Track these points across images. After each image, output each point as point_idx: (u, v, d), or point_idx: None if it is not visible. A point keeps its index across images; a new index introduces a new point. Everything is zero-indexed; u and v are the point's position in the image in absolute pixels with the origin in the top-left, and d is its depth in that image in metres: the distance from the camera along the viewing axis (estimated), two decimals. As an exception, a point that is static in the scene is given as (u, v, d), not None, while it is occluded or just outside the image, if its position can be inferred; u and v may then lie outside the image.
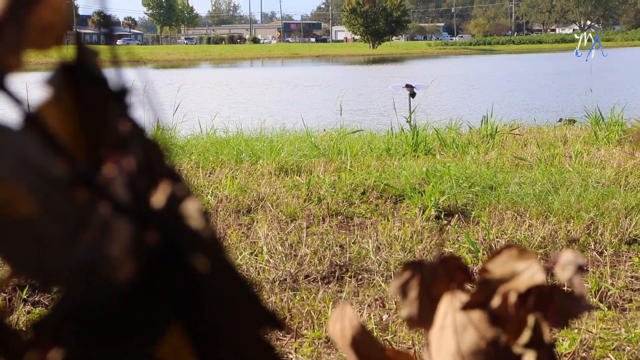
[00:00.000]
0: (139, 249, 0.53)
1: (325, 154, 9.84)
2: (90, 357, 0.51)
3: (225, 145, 10.51)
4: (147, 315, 0.52)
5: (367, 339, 1.01)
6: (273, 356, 0.55)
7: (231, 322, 0.53)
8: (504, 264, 0.94)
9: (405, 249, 5.89)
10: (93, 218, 0.53)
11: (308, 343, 4.31)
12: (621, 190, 7.34)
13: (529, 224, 6.39)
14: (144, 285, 0.52)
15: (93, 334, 0.51)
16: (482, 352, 0.91)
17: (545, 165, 8.67)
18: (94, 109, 0.61)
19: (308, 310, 4.70)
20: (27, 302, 4.79)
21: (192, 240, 0.52)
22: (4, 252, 0.50)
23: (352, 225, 6.68)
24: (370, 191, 7.63)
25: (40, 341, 0.52)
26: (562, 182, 7.67)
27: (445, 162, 8.90)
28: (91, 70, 0.61)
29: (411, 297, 1.00)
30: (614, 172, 8.22)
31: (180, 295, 0.53)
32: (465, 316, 0.93)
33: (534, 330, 0.94)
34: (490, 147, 10.47)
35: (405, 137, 10.89)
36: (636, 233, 6.13)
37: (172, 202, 0.54)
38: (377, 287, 5.21)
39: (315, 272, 5.47)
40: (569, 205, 6.78)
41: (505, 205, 6.92)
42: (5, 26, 0.60)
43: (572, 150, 9.85)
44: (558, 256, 0.96)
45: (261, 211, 7.05)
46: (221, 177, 8.47)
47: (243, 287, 0.53)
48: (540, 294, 0.94)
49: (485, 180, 7.81)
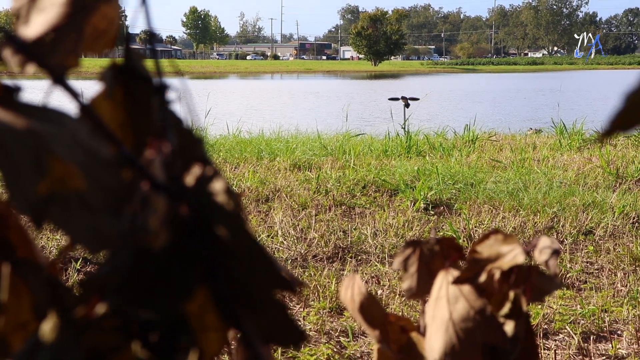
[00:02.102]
0: (173, 220, 0.52)
1: (332, 154, 9.84)
2: (129, 309, 0.51)
3: (248, 145, 10.51)
4: (178, 276, 0.52)
5: (373, 304, 1.01)
6: (285, 315, 0.55)
7: (249, 284, 0.53)
8: (490, 246, 0.94)
9: (397, 235, 5.88)
10: (135, 193, 0.53)
11: (314, 312, 4.31)
12: (580, 189, 7.33)
13: (502, 216, 6.38)
14: (176, 251, 0.52)
15: (132, 290, 0.51)
16: (470, 320, 0.90)
17: (517, 167, 8.65)
18: (140, 102, 0.61)
19: (315, 285, 4.70)
20: (80, 272, 4.80)
21: (218, 213, 0.52)
22: (61, 222, 0.50)
23: (354, 214, 6.67)
24: (370, 186, 7.62)
25: (87, 296, 0.52)
26: (531, 182, 7.65)
27: (433, 162, 8.88)
28: (137, 70, 0.61)
29: (411, 271, 1.00)
30: (574, 174, 8.21)
31: (206, 260, 0.53)
32: (457, 289, 0.93)
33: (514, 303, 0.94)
34: (471, 150, 10.45)
35: (400, 140, 10.88)
36: (592, 226, 6.12)
37: (201, 181, 0.53)
38: (373, 266, 5.21)
39: (321, 252, 5.47)
40: (536, 201, 6.77)
41: (482, 200, 6.91)
42: (65, 32, 0.60)
43: (540, 155, 9.83)
44: (537, 241, 0.96)
45: (277, 200, 7.05)
46: (244, 171, 8.47)
47: (260, 254, 0.53)
48: (520, 273, 0.94)
49: (466, 178, 7.80)
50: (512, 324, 0.94)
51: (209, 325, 0.56)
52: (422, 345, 1.00)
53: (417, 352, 1.01)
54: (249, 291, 0.53)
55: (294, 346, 0.56)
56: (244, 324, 0.53)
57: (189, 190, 0.53)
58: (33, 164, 0.49)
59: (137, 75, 0.61)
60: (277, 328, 0.54)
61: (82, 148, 0.51)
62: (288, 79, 75.23)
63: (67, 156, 0.49)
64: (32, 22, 0.63)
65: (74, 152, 0.50)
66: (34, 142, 0.49)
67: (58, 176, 0.49)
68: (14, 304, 0.56)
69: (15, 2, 0.67)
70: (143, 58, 0.63)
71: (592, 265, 5.26)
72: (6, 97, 0.54)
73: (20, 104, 0.53)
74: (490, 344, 0.92)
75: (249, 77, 76.37)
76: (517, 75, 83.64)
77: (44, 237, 5.34)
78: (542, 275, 0.96)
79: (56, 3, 0.62)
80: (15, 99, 0.54)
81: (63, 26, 0.58)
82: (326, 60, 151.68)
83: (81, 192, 0.50)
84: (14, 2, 0.68)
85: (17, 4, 0.67)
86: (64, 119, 0.52)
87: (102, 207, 0.51)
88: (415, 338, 1.02)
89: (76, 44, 0.60)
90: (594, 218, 6.26)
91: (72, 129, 0.52)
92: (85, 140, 0.51)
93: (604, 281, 4.86)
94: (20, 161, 0.49)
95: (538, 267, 0.96)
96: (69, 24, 0.59)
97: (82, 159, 0.50)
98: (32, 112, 0.52)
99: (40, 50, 0.57)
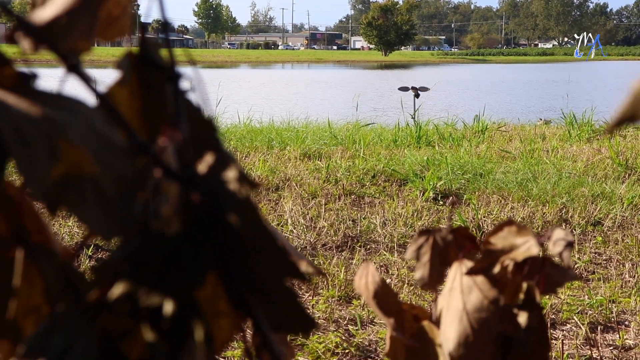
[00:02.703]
0: (185, 207, 0.53)
1: (342, 143, 9.82)
2: (141, 294, 0.51)
3: (259, 134, 10.51)
4: (189, 262, 0.52)
5: (388, 292, 1.00)
6: (295, 302, 0.55)
7: (260, 271, 0.53)
8: (504, 237, 0.94)
9: (407, 224, 5.88)
10: (148, 181, 0.53)
11: (323, 300, 4.31)
12: (589, 180, 7.30)
13: (511, 207, 6.37)
14: (187, 238, 0.52)
15: (144, 276, 0.51)
16: (484, 310, 0.90)
17: (526, 158, 8.63)
18: (154, 90, 0.61)
19: (324, 274, 4.71)
20: (92, 258, 4.82)
21: (230, 200, 0.52)
22: (75, 209, 0.50)
23: (363, 204, 6.67)
24: (379, 175, 7.61)
25: (100, 282, 0.52)
26: (540, 172, 7.63)
27: (442, 152, 8.86)
28: (152, 58, 0.62)
29: (423, 260, 1.00)
30: (583, 165, 8.18)
31: (217, 247, 0.53)
32: (471, 280, 0.93)
33: (527, 294, 0.94)
34: (480, 141, 10.42)
35: (410, 130, 10.85)
36: (600, 216, 6.10)
37: (214, 169, 0.54)
38: (382, 256, 5.21)
39: (331, 241, 5.47)
40: (545, 191, 6.75)
41: (491, 190, 6.90)
42: (79, 16, 0.60)
43: (549, 146, 9.79)
44: (551, 233, 0.96)
45: (287, 189, 7.05)
46: (255, 160, 8.47)
47: (272, 242, 0.53)
48: (534, 264, 0.94)
49: (475, 168, 7.78)
50: (526, 315, 0.94)
51: (221, 311, 0.56)
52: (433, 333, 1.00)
53: (429, 340, 1.01)
54: (259, 278, 0.53)
55: (304, 334, 0.56)
56: (254, 311, 0.53)
57: (201, 178, 0.53)
58: (47, 149, 0.49)
59: (153, 64, 0.61)
60: (287, 315, 0.54)
61: (96, 135, 0.51)
62: (299, 68, 75.12)
63: (81, 142, 0.49)
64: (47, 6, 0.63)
65: (88, 139, 0.50)
66: (49, 128, 0.50)
67: (72, 162, 0.49)
68: (26, 289, 0.57)
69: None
70: (158, 47, 0.64)
71: (601, 256, 5.25)
72: (22, 84, 0.54)
73: (36, 92, 0.53)
74: (504, 334, 0.92)
75: (260, 67, 76.31)
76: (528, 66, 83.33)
77: (56, 224, 5.36)
78: (556, 267, 0.96)
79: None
80: (31, 86, 0.54)
81: (77, 10, 0.58)
82: (337, 50, 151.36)
83: (95, 178, 0.51)
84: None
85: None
86: (79, 107, 0.53)
87: (116, 194, 0.51)
88: (427, 327, 1.02)
89: (89, 28, 0.60)
90: (603, 209, 6.24)
91: (86, 116, 0.52)
92: (100, 128, 0.52)
93: (612, 272, 4.85)
94: (35, 147, 0.49)
95: (552, 259, 0.96)
96: (83, 8, 0.59)
97: (96, 145, 0.51)
98: (48, 100, 0.52)
99: (53, 33, 0.57)
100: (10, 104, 0.50)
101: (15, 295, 0.58)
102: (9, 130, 0.48)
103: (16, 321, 0.58)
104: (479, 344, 0.91)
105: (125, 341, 0.52)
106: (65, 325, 0.51)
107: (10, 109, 0.49)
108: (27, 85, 0.54)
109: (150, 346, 0.52)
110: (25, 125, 0.49)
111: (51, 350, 0.50)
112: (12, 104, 0.50)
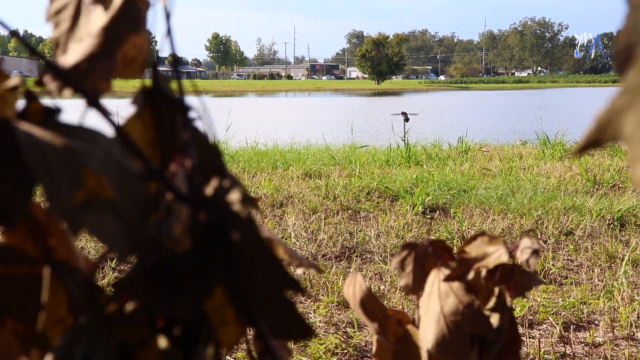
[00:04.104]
0: (194, 227, 0.53)
1: (339, 163, 9.82)
2: (156, 306, 0.51)
3: (265, 156, 10.51)
4: (199, 277, 0.52)
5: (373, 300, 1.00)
6: (294, 312, 0.55)
7: (262, 284, 0.53)
8: (477, 247, 0.94)
9: (398, 236, 5.86)
10: (161, 203, 0.53)
11: (323, 306, 4.30)
12: (561, 194, 7.29)
13: (492, 219, 6.35)
14: (197, 254, 0.52)
15: (158, 290, 0.51)
16: (459, 313, 0.90)
17: (505, 175, 8.62)
18: (165, 121, 0.61)
19: (324, 281, 4.69)
20: (115, 270, 4.81)
21: (233, 220, 0.52)
22: (95, 230, 0.50)
23: (359, 218, 6.66)
24: (373, 192, 7.61)
25: (118, 295, 0.52)
26: (518, 188, 7.62)
27: (430, 171, 8.86)
28: (164, 92, 0.62)
29: (407, 270, 1.00)
30: (556, 181, 8.17)
31: (224, 262, 0.53)
32: (447, 286, 0.93)
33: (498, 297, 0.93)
34: (464, 160, 10.42)
35: (400, 151, 10.85)
36: (572, 227, 6.09)
37: (219, 192, 0.54)
38: (376, 264, 5.20)
39: (330, 252, 5.46)
40: (522, 205, 6.74)
41: (474, 204, 6.89)
42: (99, 60, 0.61)
43: (525, 164, 9.79)
44: (518, 242, 0.96)
45: (290, 205, 7.04)
46: (261, 180, 8.47)
47: (271, 258, 0.53)
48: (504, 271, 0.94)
49: (460, 185, 7.78)
50: (497, 317, 0.94)
51: (227, 320, 0.56)
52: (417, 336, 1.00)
53: (412, 342, 1.01)
54: (260, 290, 0.53)
55: (302, 340, 0.56)
56: (256, 320, 0.53)
57: (208, 200, 0.53)
58: (70, 177, 0.49)
59: (164, 97, 0.62)
60: (287, 324, 0.54)
61: (113, 163, 0.51)
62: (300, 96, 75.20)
63: (100, 170, 0.49)
64: (70, 51, 0.64)
65: (106, 167, 0.50)
66: (71, 158, 0.50)
67: (92, 188, 0.49)
68: (52, 303, 0.57)
69: (56, 31, 0.68)
70: (169, 81, 0.64)
71: (572, 263, 5.24)
72: (48, 118, 0.54)
73: (60, 124, 0.53)
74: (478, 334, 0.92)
75: (265, 95, 76.41)
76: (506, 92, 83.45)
77: (83, 239, 5.35)
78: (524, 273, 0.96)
79: (91, 34, 0.63)
80: (55, 119, 0.54)
81: (97, 54, 0.59)
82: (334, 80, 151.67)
83: (113, 202, 0.51)
84: (54, 32, 0.68)
85: (57, 34, 0.67)
86: (98, 137, 0.53)
87: (132, 216, 0.51)
88: (411, 330, 1.02)
89: (108, 70, 0.60)
90: (574, 220, 6.23)
91: (105, 146, 0.52)
92: (117, 156, 0.52)
93: (582, 277, 4.84)
94: (59, 174, 0.49)
95: (520, 266, 0.96)
96: (102, 53, 0.60)
97: (114, 172, 0.51)
98: (70, 131, 0.53)
99: (76, 76, 0.57)
100: (37, 135, 0.50)
101: (44, 309, 0.58)
102: (36, 160, 0.48)
103: (44, 332, 0.58)
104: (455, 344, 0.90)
105: (141, 350, 0.52)
106: (87, 335, 0.51)
107: (37, 140, 0.50)
108: (52, 118, 0.54)
109: (164, 353, 0.52)
110: (50, 154, 0.49)
111: (75, 358, 0.50)
112: (38, 136, 0.50)
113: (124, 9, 0.62)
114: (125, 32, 0.62)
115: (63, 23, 0.66)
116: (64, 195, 0.49)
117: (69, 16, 0.66)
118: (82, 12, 0.66)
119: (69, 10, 0.66)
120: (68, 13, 0.66)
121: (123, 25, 0.62)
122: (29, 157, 0.48)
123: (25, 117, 0.53)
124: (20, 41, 0.57)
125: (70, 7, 0.66)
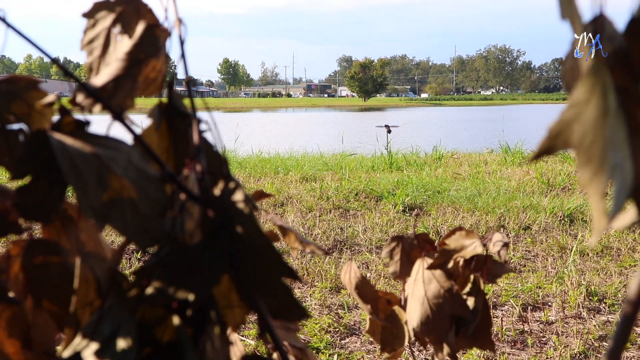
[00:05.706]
0: (204, 222, 0.52)
1: (332, 169, 9.81)
2: (171, 289, 0.51)
3: (268, 162, 10.49)
4: (208, 265, 0.52)
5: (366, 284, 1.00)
6: (290, 296, 0.54)
7: (262, 272, 0.53)
8: (456, 240, 0.94)
9: (382, 231, 5.86)
10: (175, 202, 0.53)
11: (318, 290, 4.29)
12: (520, 195, 7.30)
13: (462, 216, 6.35)
14: (206, 246, 0.52)
15: (173, 277, 0.51)
16: (440, 297, 0.90)
17: (473, 178, 8.63)
18: (179, 132, 0.61)
19: (319, 270, 4.68)
20: (140, 260, 4.79)
21: (237, 217, 0.52)
22: (118, 225, 0.50)
23: (349, 215, 6.66)
24: (361, 193, 7.60)
25: (139, 281, 0.52)
26: (484, 189, 7.62)
27: (409, 175, 8.86)
28: (178, 107, 0.61)
29: (395, 259, 1.00)
30: (516, 184, 8.18)
31: (229, 253, 0.52)
32: (430, 273, 0.93)
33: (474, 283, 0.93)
34: (438, 166, 10.42)
35: (384, 158, 10.85)
36: (529, 223, 6.09)
37: (225, 193, 0.53)
38: (364, 255, 5.19)
39: (324, 245, 5.45)
40: (487, 204, 6.75)
41: (447, 203, 6.89)
42: (123, 81, 0.60)
43: (490, 169, 9.79)
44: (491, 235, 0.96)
45: (290, 205, 7.03)
46: (265, 183, 8.45)
47: (271, 248, 0.52)
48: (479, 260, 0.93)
49: (434, 187, 7.78)
50: (473, 300, 0.93)
51: (233, 303, 0.55)
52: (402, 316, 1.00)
53: (398, 320, 1.00)
54: (261, 278, 0.53)
55: (298, 321, 0.55)
56: (257, 302, 0.53)
57: (216, 200, 0.53)
58: (97, 180, 0.49)
59: (177, 112, 0.61)
60: (284, 307, 0.54)
61: (134, 168, 0.51)
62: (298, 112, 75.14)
63: (122, 174, 0.49)
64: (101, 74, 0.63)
65: (128, 171, 0.50)
66: (98, 163, 0.49)
67: (116, 189, 0.49)
68: (83, 288, 0.56)
69: (89, 58, 0.67)
70: (182, 98, 0.64)
71: (530, 253, 5.24)
72: (78, 129, 0.54)
73: (88, 134, 0.53)
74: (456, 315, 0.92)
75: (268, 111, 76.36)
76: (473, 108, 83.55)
77: (112, 234, 5.33)
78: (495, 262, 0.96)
79: (118, 58, 0.62)
80: (84, 130, 0.54)
81: (122, 76, 0.58)
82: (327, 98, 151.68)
83: (133, 201, 0.50)
84: (87, 59, 0.68)
85: (90, 60, 0.67)
86: (121, 146, 0.52)
87: (150, 213, 0.51)
88: (397, 310, 1.01)
89: (132, 89, 0.60)
90: (531, 217, 6.24)
91: (127, 153, 0.52)
92: (137, 162, 0.51)
93: (538, 265, 4.85)
94: (87, 178, 0.49)
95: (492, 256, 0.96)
96: (126, 75, 0.59)
97: (134, 176, 0.50)
98: (97, 141, 0.52)
99: (104, 94, 0.57)
100: (68, 144, 0.50)
101: (75, 293, 0.57)
102: (67, 165, 0.48)
103: (75, 313, 0.57)
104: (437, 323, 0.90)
105: (158, 327, 0.51)
106: (112, 315, 0.50)
107: (68, 148, 0.49)
108: (82, 130, 0.53)
109: (177, 329, 0.51)
110: (80, 160, 0.49)
111: (102, 334, 0.50)
112: (69, 144, 0.50)
113: (145, 37, 0.62)
114: (146, 57, 0.62)
115: (95, 51, 0.66)
116: (92, 196, 0.49)
117: (100, 44, 0.65)
118: (111, 41, 0.66)
119: (100, 39, 0.66)
120: (99, 42, 0.66)
121: (144, 51, 0.62)
122: (62, 163, 0.47)
123: (59, 128, 0.53)
124: (58, 65, 0.57)
125: (101, 37, 0.66)
